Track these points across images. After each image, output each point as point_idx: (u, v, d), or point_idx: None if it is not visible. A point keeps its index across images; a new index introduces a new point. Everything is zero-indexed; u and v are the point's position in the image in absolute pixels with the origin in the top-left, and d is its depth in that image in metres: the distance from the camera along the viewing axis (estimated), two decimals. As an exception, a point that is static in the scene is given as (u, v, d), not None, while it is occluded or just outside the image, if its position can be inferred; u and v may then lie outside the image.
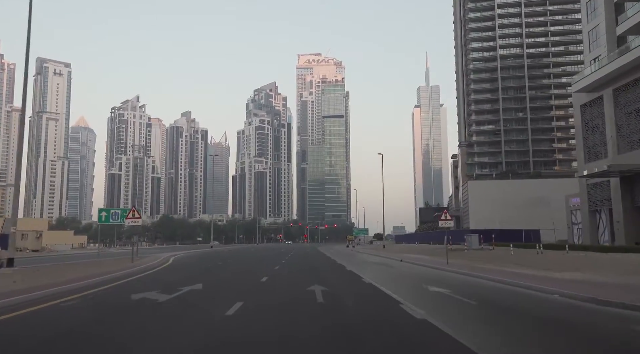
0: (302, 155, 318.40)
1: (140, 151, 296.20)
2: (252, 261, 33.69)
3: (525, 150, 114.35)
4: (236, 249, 68.78)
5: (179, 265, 27.85)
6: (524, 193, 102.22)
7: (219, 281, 18.23)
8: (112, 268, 22.89)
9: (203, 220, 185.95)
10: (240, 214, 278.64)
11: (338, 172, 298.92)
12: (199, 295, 13.11)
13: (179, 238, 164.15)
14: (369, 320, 9.18)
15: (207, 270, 24.35)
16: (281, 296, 13.06)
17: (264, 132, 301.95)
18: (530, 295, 13.22)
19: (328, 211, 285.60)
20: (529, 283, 14.89)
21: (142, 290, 13.91)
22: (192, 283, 15.92)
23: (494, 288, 15.05)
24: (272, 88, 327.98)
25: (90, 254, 50.87)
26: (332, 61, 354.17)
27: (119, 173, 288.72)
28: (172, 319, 9.36)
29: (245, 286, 15.76)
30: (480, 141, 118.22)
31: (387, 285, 15.71)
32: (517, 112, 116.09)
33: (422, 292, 14.22)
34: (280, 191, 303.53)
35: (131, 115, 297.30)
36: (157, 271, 22.79)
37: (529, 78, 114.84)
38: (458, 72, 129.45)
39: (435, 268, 24.37)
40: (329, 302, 11.37)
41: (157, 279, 18.73)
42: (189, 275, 20.64)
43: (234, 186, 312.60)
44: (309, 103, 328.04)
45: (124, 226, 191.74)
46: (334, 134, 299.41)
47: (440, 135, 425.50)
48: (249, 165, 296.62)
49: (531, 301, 12.09)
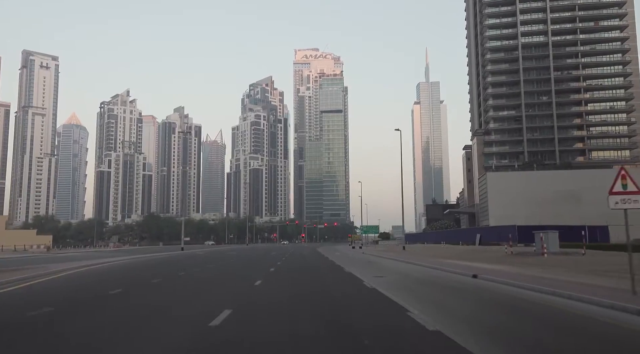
0: (300, 152, 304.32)
1: (131, 147, 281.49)
2: (212, 275, 20.00)
3: (550, 138, 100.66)
4: (217, 251, 54.60)
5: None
6: (552, 186, 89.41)
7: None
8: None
9: (192, 218, 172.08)
10: (235, 213, 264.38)
11: (337, 169, 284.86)
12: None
13: (166, 237, 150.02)
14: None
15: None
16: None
17: (260, 127, 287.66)
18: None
19: (326, 210, 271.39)
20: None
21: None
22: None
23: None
24: (268, 83, 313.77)
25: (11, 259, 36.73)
26: (330, 56, 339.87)
27: (108, 170, 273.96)
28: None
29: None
30: (499, 128, 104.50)
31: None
32: (540, 96, 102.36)
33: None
34: (276, 189, 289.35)
35: (121, 110, 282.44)
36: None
37: (553, 57, 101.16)
38: (471, 52, 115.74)
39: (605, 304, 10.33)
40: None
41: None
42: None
43: (228, 183, 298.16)
44: (307, 99, 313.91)
45: (105, 227, 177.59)
46: (333, 129, 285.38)
47: (440, 132, 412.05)
48: (244, 162, 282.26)
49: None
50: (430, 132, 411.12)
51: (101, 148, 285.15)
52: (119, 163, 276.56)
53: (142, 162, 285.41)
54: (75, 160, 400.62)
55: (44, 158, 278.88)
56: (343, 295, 12.68)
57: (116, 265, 27.83)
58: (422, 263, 24.71)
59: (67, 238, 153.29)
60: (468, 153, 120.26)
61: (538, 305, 10.41)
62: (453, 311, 9.95)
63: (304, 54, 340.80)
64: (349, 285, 15.29)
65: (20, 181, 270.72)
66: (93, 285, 16.39)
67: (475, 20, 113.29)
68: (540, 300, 10.98)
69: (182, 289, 14.76)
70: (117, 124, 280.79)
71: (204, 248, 76.99)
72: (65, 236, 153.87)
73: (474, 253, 35.45)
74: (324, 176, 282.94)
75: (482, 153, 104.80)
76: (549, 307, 10.10)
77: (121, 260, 32.52)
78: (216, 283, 16.74)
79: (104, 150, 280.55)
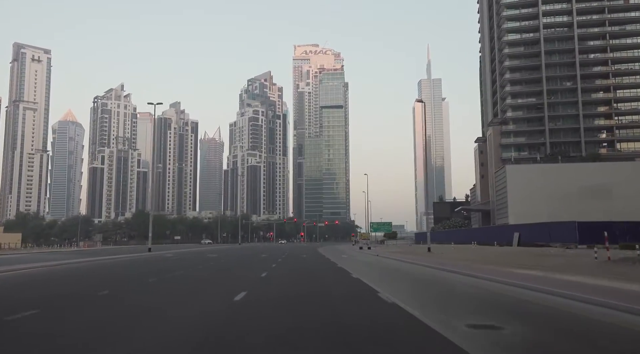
0: (299, 150, 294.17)
1: (125, 143, 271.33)
2: (157, 295, 10.23)
3: (574, 127, 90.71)
4: (195, 253, 44.41)
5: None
6: (578, 180, 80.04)
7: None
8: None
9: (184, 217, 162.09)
10: (233, 211, 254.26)
11: (337, 166, 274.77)
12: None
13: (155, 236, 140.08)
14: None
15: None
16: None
17: (258, 123, 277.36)
18: None
19: (326, 209, 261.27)
20: None
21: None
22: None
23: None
24: (266, 78, 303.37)
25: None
26: (331, 52, 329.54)
27: (101, 167, 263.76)
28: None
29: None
30: (518, 117, 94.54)
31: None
32: (563, 81, 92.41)
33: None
34: (275, 186, 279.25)
35: (115, 105, 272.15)
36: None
37: (579, 38, 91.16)
38: (484, 35, 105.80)
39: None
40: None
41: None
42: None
43: (225, 181, 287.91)
44: (306, 95, 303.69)
45: (91, 225, 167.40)
46: (333, 125, 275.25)
47: (442, 130, 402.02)
48: (242, 159, 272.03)
49: None
50: (432, 130, 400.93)
51: (95, 144, 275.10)
52: (112, 160, 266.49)
53: (137, 159, 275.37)
54: (71, 158, 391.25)
55: (35, 154, 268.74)
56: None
57: (63, 270, 17.83)
58: (498, 279, 14.60)
59: (52, 236, 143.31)
60: (481, 146, 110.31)
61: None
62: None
63: (303, 49, 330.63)
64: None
65: (11, 177, 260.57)
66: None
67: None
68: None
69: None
70: (110, 119, 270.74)
71: (185, 248, 64.74)
72: (50, 234, 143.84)
73: (535, 258, 25.46)
74: (324, 173, 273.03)
75: (498, 145, 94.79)
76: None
77: (87, 261, 22.67)
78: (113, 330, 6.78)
79: (97, 146, 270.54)
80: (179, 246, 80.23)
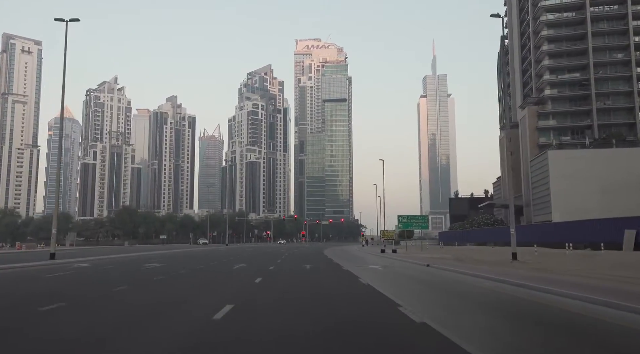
0: (300, 146, 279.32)
1: (119, 138, 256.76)
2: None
3: (626, 107, 75.69)
4: (139, 260, 29.22)
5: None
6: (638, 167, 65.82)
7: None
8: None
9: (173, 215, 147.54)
10: (231, 209, 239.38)
11: (340, 163, 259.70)
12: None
13: (143, 235, 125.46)
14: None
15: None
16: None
17: (258, 117, 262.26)
18: None
19: (329, 208, 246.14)
20: None
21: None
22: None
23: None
24: (267, 71, 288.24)
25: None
26: (334, 46, 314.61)
27: (93, 162, 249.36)
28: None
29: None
30: (558, 96, 79.44)
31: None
32: (614, 53, 77.34)
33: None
34: (275, 184, 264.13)
35: (108, 98, 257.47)
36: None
37: (632, 1, 76.14)
38: (511, 3, 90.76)
39: None
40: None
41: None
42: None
43: (223, 178, 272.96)
44: (308, 89, 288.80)
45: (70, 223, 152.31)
46: (336, 120, 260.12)
47: (448, 127, 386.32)
48: (240, 155, 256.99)
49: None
50: (437, 127, 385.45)
51: (87, 139, 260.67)
52: (105, 155, 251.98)
53: (131, 154, 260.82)
54: (68, 155, 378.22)
55: (25, 149, 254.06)
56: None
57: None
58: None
59: (28, 234, 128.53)
60: (509, 133, 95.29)
61: None
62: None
63: (305, 44, 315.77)
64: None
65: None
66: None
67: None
68: None
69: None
70: (103, 113, 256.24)
71: (134, 253, 45.91)
72: (26, 233, 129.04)
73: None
74: (326, 170, 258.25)
75: (534, 129, 79.75)
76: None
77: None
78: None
79: (89, 141, 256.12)
80: (137, 248, 64.59)
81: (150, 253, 42.93)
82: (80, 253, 40.42)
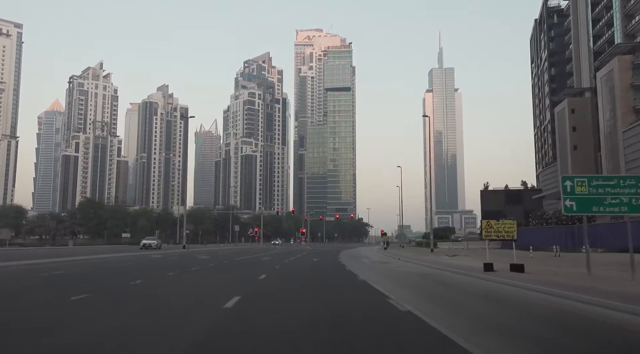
0: (300, 141, 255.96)
1: (104, 129, 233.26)
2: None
3: None
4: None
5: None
6: None
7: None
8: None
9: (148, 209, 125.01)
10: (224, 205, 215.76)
11: (343, 157, 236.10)
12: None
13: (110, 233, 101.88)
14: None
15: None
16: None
17: (254, 107, 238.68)
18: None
19: (330, 206, 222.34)
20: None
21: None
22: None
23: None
24: (265, 59, 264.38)
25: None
26: (337, 37, 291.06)
27: (75, 154, 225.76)
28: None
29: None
30: (662, 40, 55.77)
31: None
32: None
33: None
34: (272, 179, 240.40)
35: (93, 86, 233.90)
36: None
37: None
38: None
39: None
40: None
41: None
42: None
43: (217, 172, 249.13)
44: (309, 80, 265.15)
45: (24, 218, 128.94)
46: (339, 110, 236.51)
47: (455, 123, 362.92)
48: (235, 147, 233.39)
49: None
50: (443, 122, 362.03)
51: (69, 130, 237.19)
52: (88, 147, 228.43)
53: (117, 146, 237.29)
54: (57, 150, 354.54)
55: (2, 140, 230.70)
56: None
57: None
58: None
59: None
60: (574, 102, 71.81)
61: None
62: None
63: (306, 34, 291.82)
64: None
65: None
66: None
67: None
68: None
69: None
70: (87, 101, 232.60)
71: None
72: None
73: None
74: (328, 165, 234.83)
75: (629, 87, 56.15)
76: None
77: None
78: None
79: (72, 132, 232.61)
80: (62, 253, 40.84)
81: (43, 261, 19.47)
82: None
